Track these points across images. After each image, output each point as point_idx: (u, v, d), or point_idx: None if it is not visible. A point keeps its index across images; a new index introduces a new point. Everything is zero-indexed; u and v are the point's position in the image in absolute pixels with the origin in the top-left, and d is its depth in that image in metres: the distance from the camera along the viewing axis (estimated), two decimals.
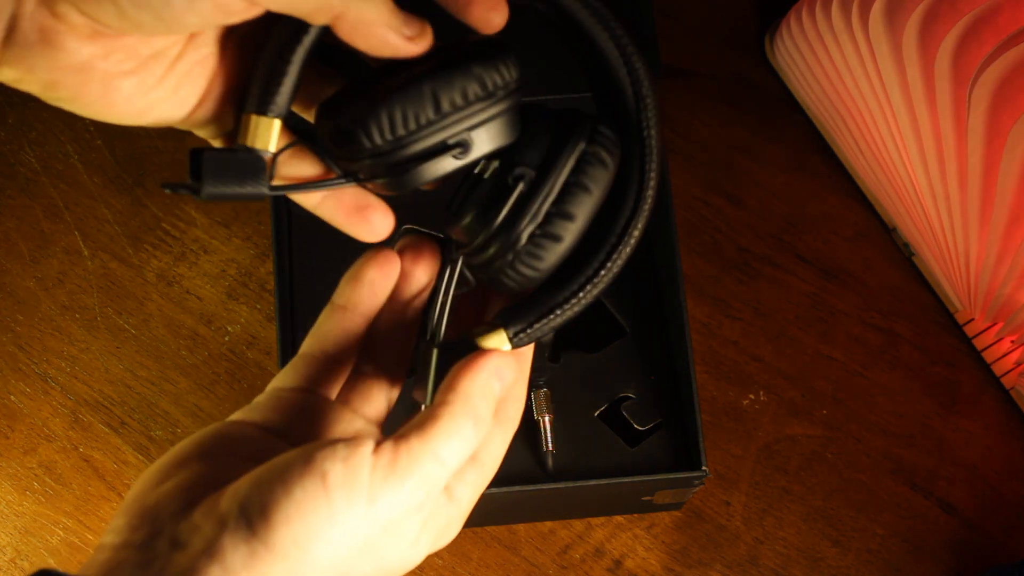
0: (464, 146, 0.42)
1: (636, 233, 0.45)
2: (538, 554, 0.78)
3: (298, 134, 0.45)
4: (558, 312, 0.45)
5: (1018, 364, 0.82)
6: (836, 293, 0.85)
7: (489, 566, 0.78)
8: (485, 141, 0.43)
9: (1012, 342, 0.82)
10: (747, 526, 0.79)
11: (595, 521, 0.79)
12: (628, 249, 0.45)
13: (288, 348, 0.75)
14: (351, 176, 0.44)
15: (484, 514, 0.77)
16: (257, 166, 0.42)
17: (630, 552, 0.78)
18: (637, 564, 0.78)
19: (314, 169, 0.45)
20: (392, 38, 0.41)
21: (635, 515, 0.79)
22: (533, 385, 0.76)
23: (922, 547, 0.79)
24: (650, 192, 0.45)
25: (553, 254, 0.43)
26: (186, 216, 0.86)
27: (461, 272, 0.47)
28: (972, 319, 0.83)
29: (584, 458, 0.75)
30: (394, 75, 0.42)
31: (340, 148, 0.42)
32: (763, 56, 0.92)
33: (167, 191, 0.44)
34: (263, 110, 0.42)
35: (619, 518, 0.79)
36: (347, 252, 0.79)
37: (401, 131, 0.41)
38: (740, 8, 0.94)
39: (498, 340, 0.45)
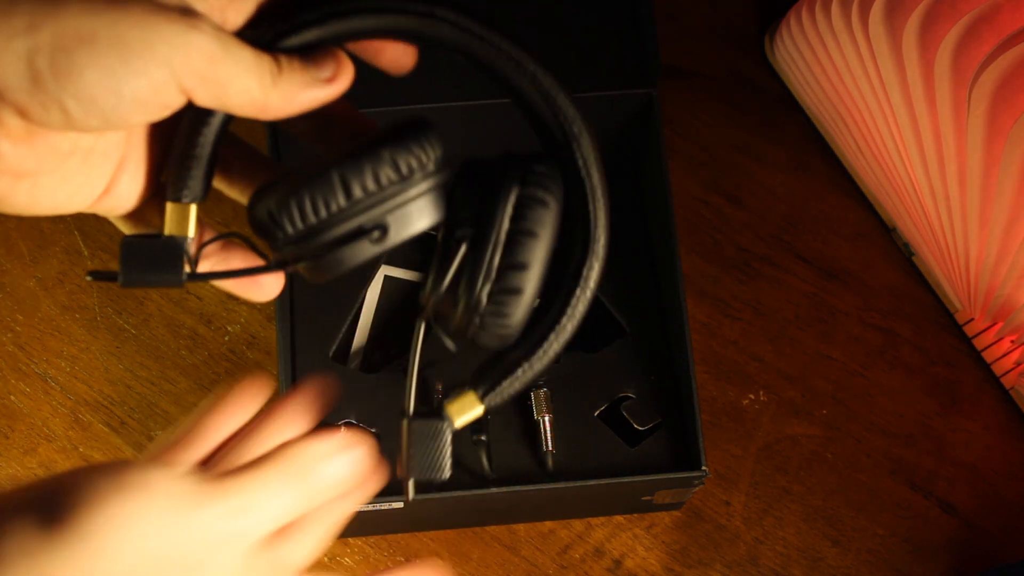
0: (382, 229, 0.42)
1: (593, 275, 0.43)
2: (538, 554, 0.78)
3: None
4: (525, 367, 0.44)
5: (1018, 364, 0.82)
6: (836, 293, 0.85)
7: (489, 566, 0.78)
8: (406, 223, 0.42)
9: (1012, 342, 0.82)
10: (747, 526, 0.79)
11: (595, 521, 0.79)
12: (588, 293, 0.44)
13: (288, 348, 0.75)
14: (275, 265, 0.44)
15: (484, 514, 0.77)
16: (174, 254, 0.42)
17: (630, 552, 0.78)
18: (637, 564, 0.78)
19: (242, 254, 0.45)
20: (312, 94, 0.41)
21: (635, 515, 0.79)
22: (533, 385, 0.76)
23: (922, 547, 0.79)
24: (600, 232, 0.43)
25: (518, 307, 0.42)
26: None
27: (440, 339, 0.46)
28: (972, 319, 0.83)
29: (584, 458, 0.75)
30: (313, 162, 0.42)
31: (261, 236, 0.42)
32: (763, 56, 0.92)
33: (89, 279, 0.45)
34: (177, 196, 0.42)
35: (619, 518, 0.79)
36: None
37: (312, 219, 0.41)
38: (740, 8, 0.94)
39: (468, 402, 0.45)
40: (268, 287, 0.46)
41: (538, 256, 0.42)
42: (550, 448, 0.74)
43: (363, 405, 0.76)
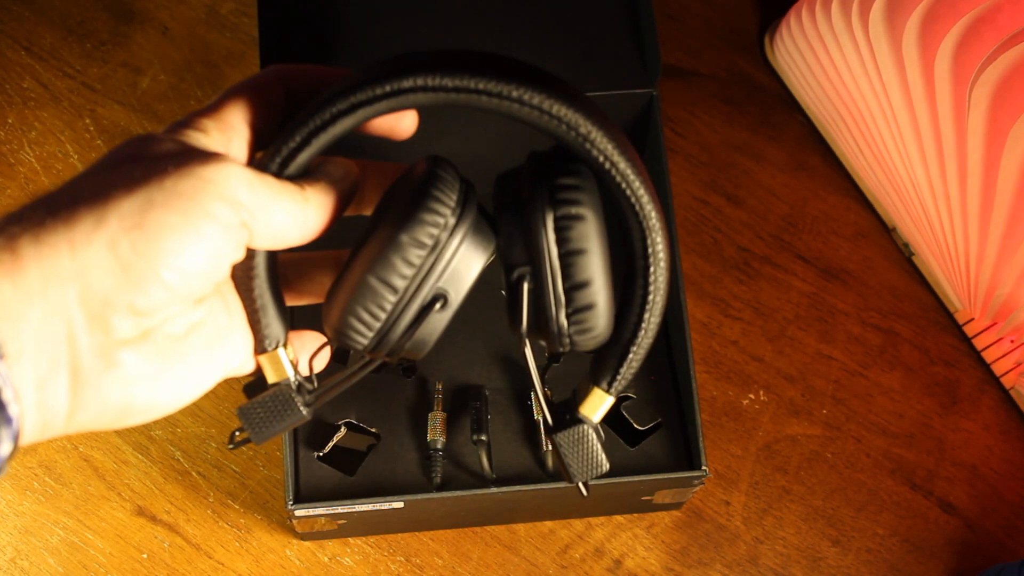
0: (442, 299, 0.43)
1: (659, 248, 0.44)
2: (538, 554, 0.78)
3: None
4: (635, 349, 0.46)
5: (1018, 364, 0.82)
6: (836, 293, 0.85)
7: (489, 566, 0.78)
8: (461, 279, 0.43)
9: (1012, 342, 0.82)
10: (747, 526, 0.79)
11: (595, 521, 0.79)
12: (662, 263, 0.44)
13: None
14: (374, 363, 0.46)
15: (484, 514, 0.77)
16: (287, 397, 0.45)
17: (630, 552, 0.78)
18: (637, 564, 0.78)
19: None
20: (338, 196, 0.43)
21: (635, 515, 0.79)
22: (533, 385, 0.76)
23: (922, 547, 0.79)
24: (648, 207, 0.44)
25: (599, 318, 0.44)
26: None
27: (548, 356, 0.48)
28: (972, 319, 0.83)
29: None
30: (346, 270, 0.43)
31: (346, 352, 0.44)
32: (763, 56, 0.92)
33: (231, 448, 0.48)
34: (263, 348, 0.44)
35: (619, 518, 0.79)
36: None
37: (377, 325, 0.43)
38: (740, 8, 0.94)
39: (598, 398, 0.47)
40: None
41: (597, 267, 0.43)
42: (550, 448, 0.74)
43: (363, 405, 0.76)
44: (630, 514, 0.79)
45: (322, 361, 0.48)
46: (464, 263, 0.43)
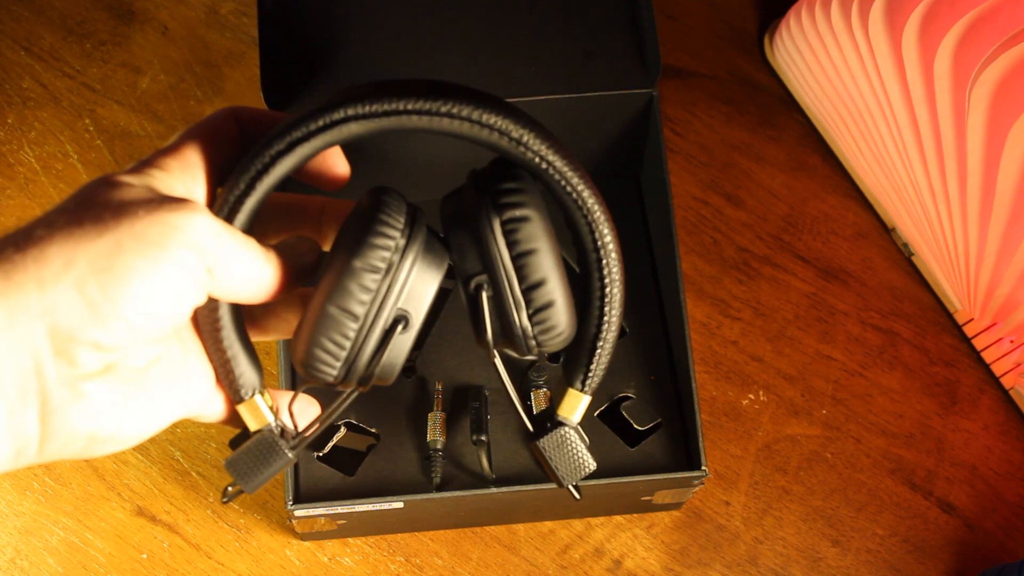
0: (403, 320, 0.44)
1: (607, 238, 0.45)
2: (538, 554, 0.78)
3: None
4: (600, 344, 0.47)
5: (1018, 364, 0.82)
6: (836, 293, 0.85)
7: (489, 566, 0.78)
8: (419, 297, 0.44)
9: (1012, 342, 0.82)
10: (747, 526, 0.79)
11: (595, 521, 0.79)
12: (613, 254, 0.45)
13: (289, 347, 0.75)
14: (349, 392, 0.46)
15: (484, 514, 0.77)
16: (271, 442, 0.46)
17: (630, 552, 0.78)
18: (637, 564, 0.78)
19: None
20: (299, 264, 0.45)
21: (635, 515, 0.79)
22: (533, 385, 0.76)
23: (922, 547, 0.79)
24: (589, 200, 0.44)
25: (560, 315, 0.45)
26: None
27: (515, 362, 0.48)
28: (972, 319, 0.83)
29: None
30: (309, 304, 0.44)
31: (318, 384, 0.46)
32: (763, 56, 0.92)
33: (224, 502, 0.49)
34: (238, 398, 0.45)
35: (619, 518, 0.79)
36: None
37: (342, 354, 0.43)
38: (740, 8, 0.94)
39: (573, 398, 0.48)
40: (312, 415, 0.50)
41: (549, 265, 0.44)
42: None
43: (363, 405, 0.76)
44: (630, 514, 0.79)
45: (309, 412, 0.49)
46: (420, 282, 0.44)
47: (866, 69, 0.79)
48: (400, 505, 0.70)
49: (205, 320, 0.44)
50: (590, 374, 0.48)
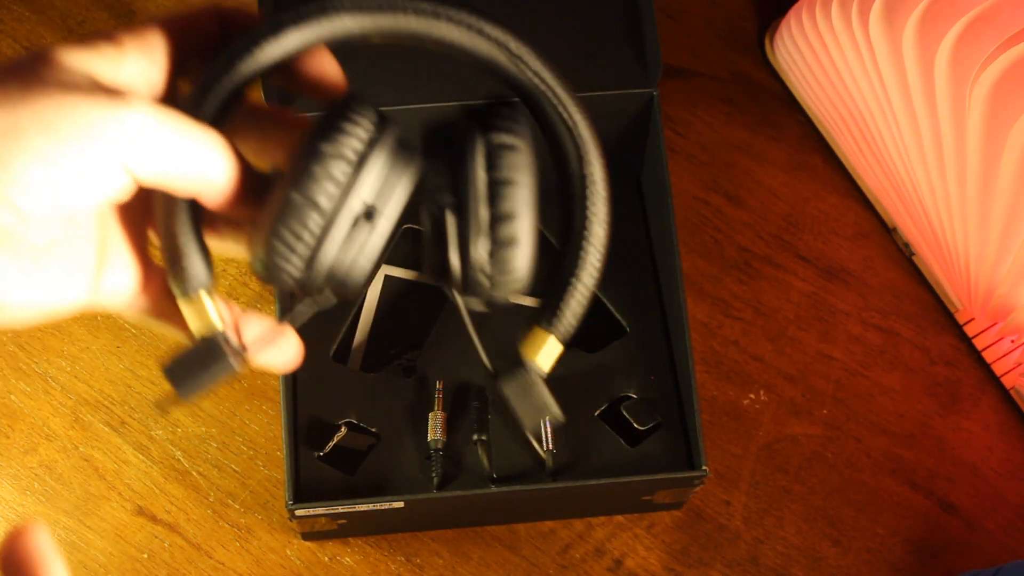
0: (369, 213, 0.40)
1: (597, 171, 0.42)
2: (538, 554, 0.78)
3: None
4: (574, 282, 0.43)
5: (1018, 364, 0.82)
6: (836, 293, 0.85)
7: (489, 566, 0.78)
8: (388, 196, 0.41)
9: (1012, 342, 0.82)
10: (747, 526, 0.79)
11: (595, 521, 0.79)
12: (600, 190, 0.42)
13: None
14: (310, 304, 0.43)
15: (484, 514, 0.77)
16: (214, 346, 0.42)
17: (630, 551, 0.78)
18: (637, 563, 0.78)
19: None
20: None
21: (635, 515, 0.79)
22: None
23: (922, 547, 0.79)
24: (583, 131, 0.42)
25: (521, 256, 0.41)
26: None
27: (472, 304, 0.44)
28: (972, 319, 0.83)
29: (584, 458, 0.75)
30: (269, 195, 0.40)
31: (276, 286, 0.42)
32: (763, 56, 0.92)
33: (159, 411, 0.45)
34: (184, 292, 0.41)
35: (619, 517, 0.79)
36: None
37: (304, 248, 0.40)
38: (740, 8, 0.94)
39: (539, 338, 0.44)
40: (292, 354, 0.46)
41: (524, 201, 0.41)
42: (550, 448, 0.74)
43: (363, 405, 0.76)
44: (630, 514, 0.79)
45: (285, 350, 0.45)
46: (391, 179, 0.41)
47: (866, 69, 0.79)
48: (401, 505, 0.70)
49: (159, 211, 0.41)
50: (558, 312, 0.43)
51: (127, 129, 0.37)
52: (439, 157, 0.42)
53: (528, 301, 0.80)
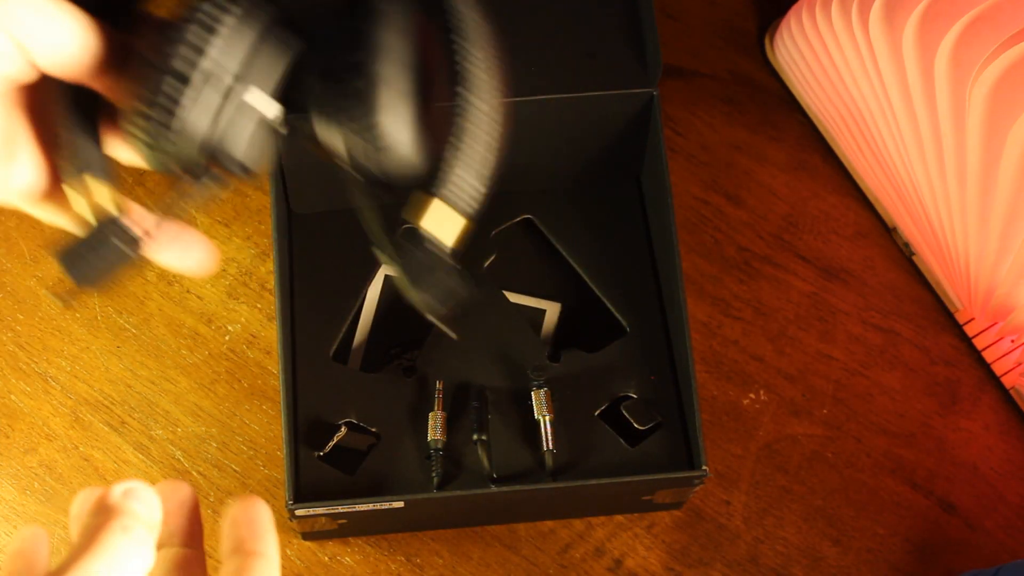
0: (238, 78, 0.39)
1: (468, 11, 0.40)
2: (538, 553, 0.78)
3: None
4: (457, 133, 0.40)
5: (1018, 364, 0.82)
6: (836, 293, 0.85)
7: (489, 565, 0.78)
8: (262, 72, 0.39)
9: (1012, 342, 0.82)
10: (747, 525, 0.79)
11: (595, 520, 0.79)
12: (472, 26, 0.40)
13: (288, 347, 0.75)
14: (198, 178, 0.42)
15: (484, 514, 0.77)
16: (107, 233, 0.41)
17: (630, 551, 0.78)
18: (637, 563, 0.78)
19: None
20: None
21: (635, 514, 0.79)
22: (534, 384, 0.76)
23: (922, 547, 0.79)
24: None
25: (384, 103, 0.38)
26: (186, 215, 0.85)
27: (442, 334, 0.42)
28: (972, 319, 0.83)
29: (584, 458, 0.75)
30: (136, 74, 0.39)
31: (158, 166, 0.40)
32: (763, 56, 0.92)
33: (56, 301, 0.43)
34: (69, 175, 0.41)
35: (619, 517, 0.79)
36: (347, 252, 0.79)
37: (166, 113, 0.38)
38: (740, 8, 0.94)
39: (421, 200, 0.40)
40: (201, 257, 0.45)
41: (389, 61, 0.38)
42: (550, 448, 0.74)
43: (363, 405, 0.76)
44: (630, 514, 0.79)
45: (193, 252, 0.44)
46: (262, 52, 0.39)
47: (866, 69, 0.79)
48: (400, 505, 0.70)
49: (52, 96, 0.40)
50: (443, 173, 0.39)
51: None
52: (330, 28, 0.40)
53: (528, 301, 0.80)
